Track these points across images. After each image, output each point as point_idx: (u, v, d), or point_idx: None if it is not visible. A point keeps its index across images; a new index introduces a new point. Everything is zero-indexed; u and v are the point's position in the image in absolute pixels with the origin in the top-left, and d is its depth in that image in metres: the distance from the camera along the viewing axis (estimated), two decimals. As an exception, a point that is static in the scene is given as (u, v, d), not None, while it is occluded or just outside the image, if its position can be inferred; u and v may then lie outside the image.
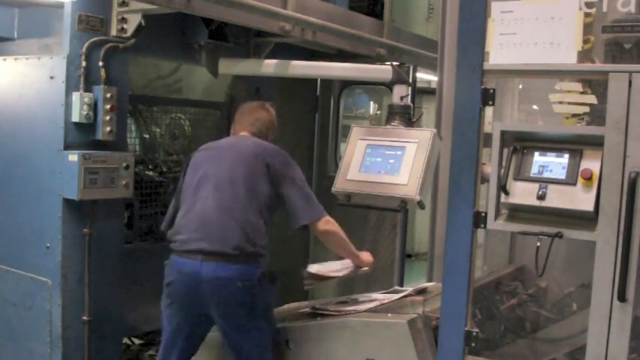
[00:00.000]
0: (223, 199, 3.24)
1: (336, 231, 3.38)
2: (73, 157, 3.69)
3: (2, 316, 4.12)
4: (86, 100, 3.73)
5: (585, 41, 2.32)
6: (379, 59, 5.25)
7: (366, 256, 3.62)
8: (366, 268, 3.64)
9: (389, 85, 3.67)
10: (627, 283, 2.16)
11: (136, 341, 4.67)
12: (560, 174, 2.36)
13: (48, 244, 3.83)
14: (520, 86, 3.31)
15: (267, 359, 3.28)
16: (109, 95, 3.81)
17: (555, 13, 2.33)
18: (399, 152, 3.10)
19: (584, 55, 2.34)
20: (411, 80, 5.32)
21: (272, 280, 3.28)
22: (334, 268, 3.60)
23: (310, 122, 5.97)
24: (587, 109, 2.53)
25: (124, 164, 3.86)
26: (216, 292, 3.11)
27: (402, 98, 3.50)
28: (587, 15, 2.32)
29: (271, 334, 3.31)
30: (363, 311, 3.33)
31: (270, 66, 4.32)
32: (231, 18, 4.05)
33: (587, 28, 2.33)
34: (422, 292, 3.61)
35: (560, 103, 2.58)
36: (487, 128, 2.43)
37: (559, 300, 3.16)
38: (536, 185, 2.38)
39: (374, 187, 3.06)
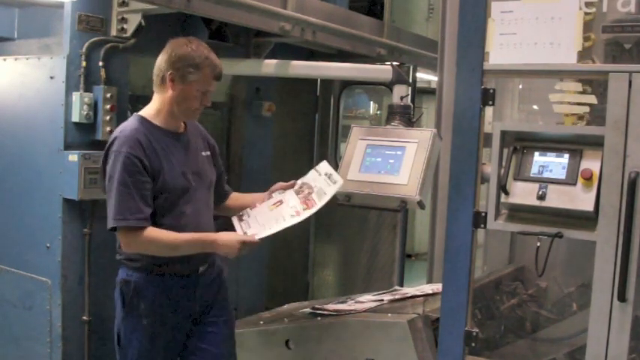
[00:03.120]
0: None
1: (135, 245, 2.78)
2: (73, 157, 3.70)
3: (2, 316, 4.12)
4: (86, 100, 3.73)
5: (586, 39, 2.32)
6: (379, 59, 5.25)
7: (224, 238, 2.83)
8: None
9: (389, 85, 3.67)
10: (627, 283, 2.16)
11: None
12: (560, 174, 2.36)
13: (48, 244, 3.83)
14: (520, 86, 3.30)
15: None
16: (109, 95, 3.81)
17: (555, 13, 2.32)
18: (399, 152, 3.10)
19: (584, 54, 2.34)
20: (411, 80, 5.33)
21: (124, 302, 2.87)
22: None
23: (310, 122, 5.97)
24: (587, 109, 2.53)
25: (124, 164, 3.86)
26: None
27: (402, 98, 3.50)
28: (587, 12, 2.31)
29: None
30: (363, 311, 3.33)
31: (270, 66, 4.32)
32: (231, 18, 4.06)
33: (587, 26, 2.33)
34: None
35: (560, 103, 2.57)
36: (487, 128, 2.42)
37: (559, 300, 3.15)
38: (536, 185, 2.38)
39: (374, 187, 3.06)
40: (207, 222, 2.95)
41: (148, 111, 2.89)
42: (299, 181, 3.08)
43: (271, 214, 2.96)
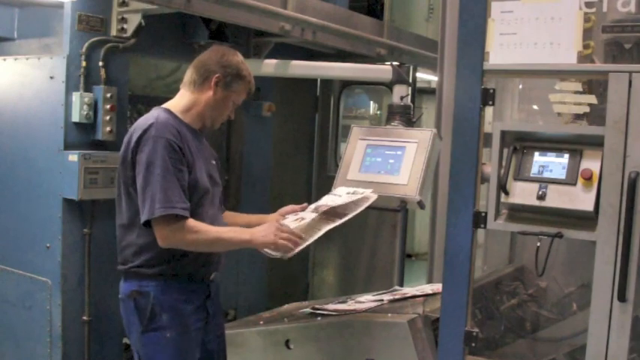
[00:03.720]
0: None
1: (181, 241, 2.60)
2: (73, 157, 3.70)
3: (2, 316, 4.12)
4: (86, 100, 3.74)
5: (585, 47, 2.32)
6: (379, 59, 5.25)
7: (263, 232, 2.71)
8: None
9: (389, 85, 3.67)
10: (627, 283, 2.16)
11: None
12: (560, 174, 2.36)
13: (48, 244, 3.83)
14: (520, 86, 3.31)
15: None
16: (109, 95, 3.81)
17: (555, 13, 2.32)
18: (399, 152, 3.10)
19: (584, 57, 2.34)
20: (411, 80, 5.33)
21: (141, 316, 2.64)
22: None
23: (310, 122, 5.97)
24: (587, 109, 2.53)
25: (124, 164, 3.87)
26: None
27: (402, 98, 3.50)
28: (586, 20, 2.31)
29: None
30: (363, 311, 3.32)
31: (270, 66, 4.32)
32: (231, 18, 4.06)
33: (587, 34, 2.33)
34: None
35: (560, 103, 2.57)
36: (487, 128, 2.42)
37: (559, 300, 3.16)
38: (536, 185, 2.38)
39: (374, 187, 3.06)
40: None
41: (175, 106, 2.80)
42: (312, 205, 3.00)
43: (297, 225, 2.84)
